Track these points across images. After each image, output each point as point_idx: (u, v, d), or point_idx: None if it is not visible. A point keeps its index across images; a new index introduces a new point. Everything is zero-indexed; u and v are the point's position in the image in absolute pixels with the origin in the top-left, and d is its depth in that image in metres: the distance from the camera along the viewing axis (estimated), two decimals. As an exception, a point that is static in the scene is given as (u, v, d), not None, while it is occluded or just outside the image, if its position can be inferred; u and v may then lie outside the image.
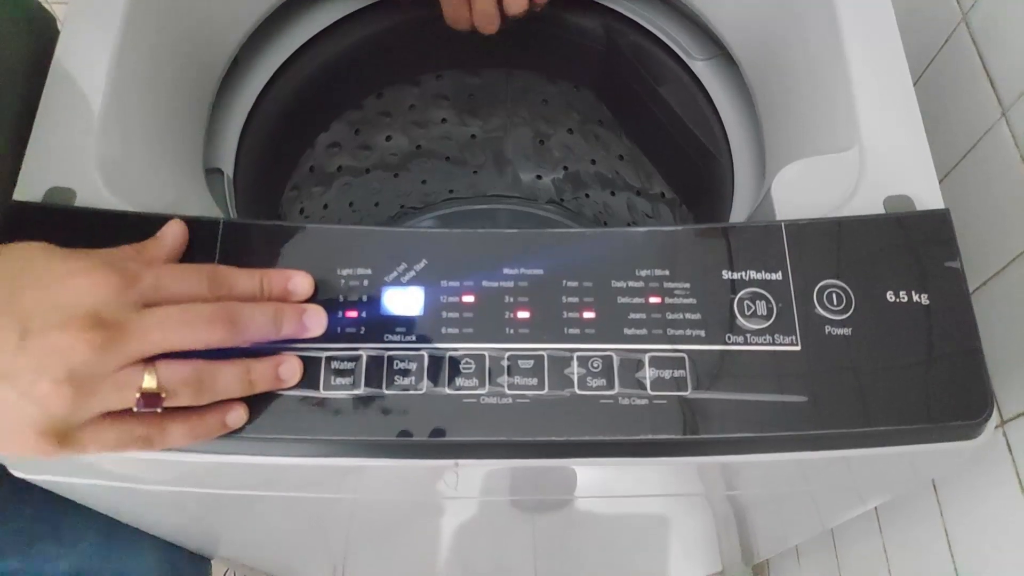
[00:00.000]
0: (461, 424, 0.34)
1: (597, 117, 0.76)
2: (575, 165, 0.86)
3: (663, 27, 0.61)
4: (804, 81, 0.49)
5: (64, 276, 0.30)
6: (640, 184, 0.79)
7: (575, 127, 0.80)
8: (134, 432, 0.32)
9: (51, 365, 0.29)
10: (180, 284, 0.32)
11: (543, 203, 0.94)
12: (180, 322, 0.31)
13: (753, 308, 0.37)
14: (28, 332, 0.29)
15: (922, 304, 0.37)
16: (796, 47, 0.50)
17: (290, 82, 0.63)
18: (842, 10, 0.47)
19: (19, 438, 0.30)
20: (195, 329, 0.31)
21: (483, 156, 0.88)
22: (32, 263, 0.31)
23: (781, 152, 0.49)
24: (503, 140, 0.86)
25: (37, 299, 0.29)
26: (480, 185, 0.93)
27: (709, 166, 0.60)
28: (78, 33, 0.44)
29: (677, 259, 0.38)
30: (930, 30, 0.66)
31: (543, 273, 0.37)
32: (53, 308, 0.29)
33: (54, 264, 0.31)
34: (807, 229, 0.39)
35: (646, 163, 0.74)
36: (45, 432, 0.29)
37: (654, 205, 0.79)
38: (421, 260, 0.38)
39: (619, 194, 0.84)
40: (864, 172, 0.42)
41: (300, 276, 0.36)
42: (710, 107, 0.59)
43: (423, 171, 0.88)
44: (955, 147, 0.63)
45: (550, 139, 0.84)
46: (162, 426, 0.32)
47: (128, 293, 0.31)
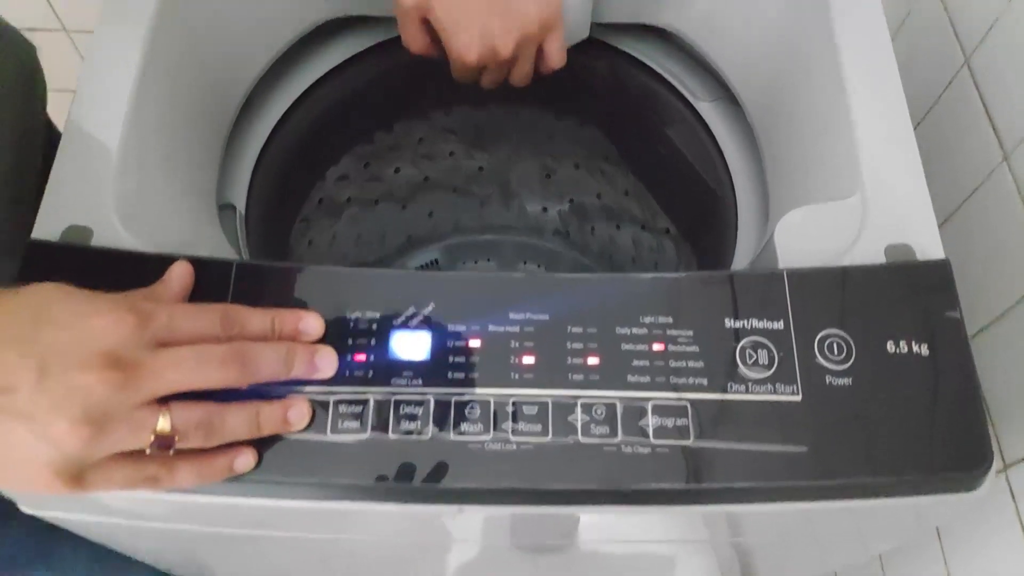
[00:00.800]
0: (466, 470, 0.35)
1: (603, 153, 0.77)
2: (581, 198, 0.87)
3: (669, 68, 0.62)
4: (807, 126, 0.50)
5: (83, 316, 0.31)
6: (645, 219, 0.79)
7: (581, 162, 0.81)
8: (144, 471, 0.32)
9: (69, 405, 0.29)
10: (193, 323, 0.33)
11: (549, 235, 0.95)
12: (194, 362, 0.32)
13: (755, 357, 0.37)
14: (47, 372, 0.29)
15: (922, 355, 0.38)
16: (799, 92, 0.51)
17: (302, 118, 0.64)
18: (845, 56, 0.48)
19: (33, 476, 0.30)
20: (208, 369, 0.32)
21: (490, 188, 0.89)
22: (51, 303, 0.31)
23: (784, 196, 0.50)
24: (509, 173, 0.87)
25: (56, 338, 0.30)
26: (487, 217, 0.94)
27: (713, 206, 0.60)
28: (97, 73, 0.45)
29: (681, 306, 0.38)
30: (933, 72, 0.67)
31: (548, 318, 0.38)
32: (72, 347, 0.30)
33: (72, 304, 0.31)
34: (809, 278, 0.39)
35: (651, 199, 0.74)
36: (59, 472, 0.30)
37: (659, 240, 0.79)
38: (429, 303, 0.38)
39: (624, 228, 0.85)
40: (866, 220, 0.43)
41: (311, 317, 0.37)
42: (715, 147, 0.60)
43: (430, 203, 0.89)
44: (957, 190, 0.64)
45: (556, 173, 0.85)
46: (171, 466, 0.33)
47: (143, 333, 0.31)
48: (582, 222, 0.91)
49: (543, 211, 0.92)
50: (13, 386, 0.29)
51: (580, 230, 0.92)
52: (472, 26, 0.48)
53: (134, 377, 0.30)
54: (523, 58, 0.51)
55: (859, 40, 0.48)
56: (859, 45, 0.48)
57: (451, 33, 0.48)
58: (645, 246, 0.83)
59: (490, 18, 0.47)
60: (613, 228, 0.87)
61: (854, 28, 0.49)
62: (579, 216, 0.90)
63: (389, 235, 0.90)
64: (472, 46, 0.48)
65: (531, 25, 0.49)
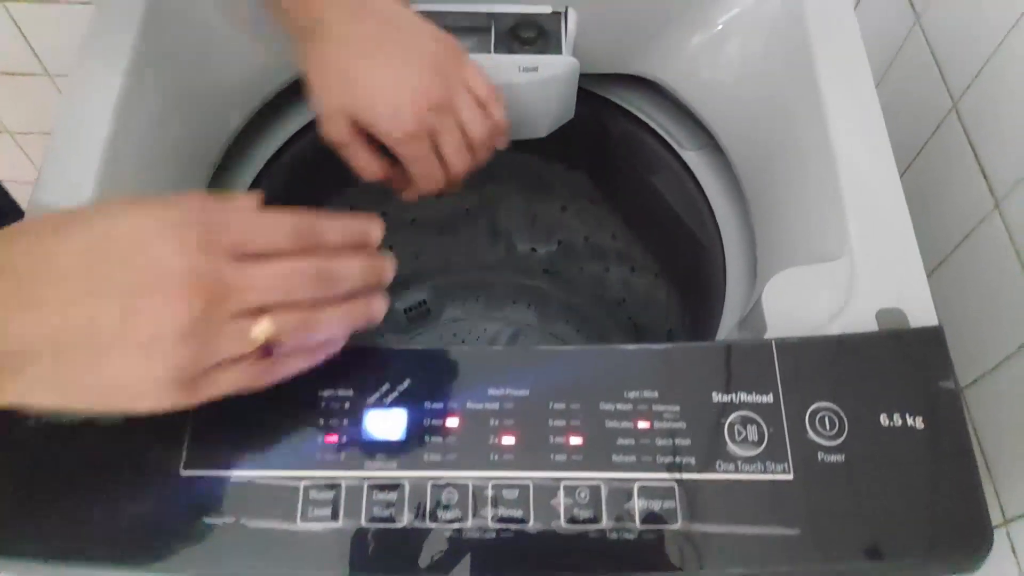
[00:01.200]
0: (443, 559, 0.33)
1: (589, 197, 0.76)
2: (568, 240, 0.86)
3: (654, 116, 0.62)
4: (794, 181, 0.49)
5: (154, 237, 0.30)
6: (633, 262, 0.78)
7: (568, 205, 0.80)
8: (252, 370, 0.32)
9: (161, 334, 0.29)
10: (267, 236, 0.32)
11: (538, 274, 0.94)
12: (280, 280, 0.31)
13: (744, 433, 0.36)
14: (130, 310, 0.29)
15: (917, 428, 0.36)
16: (785, 145, 0.51)
17: (286, 163, 0.63)
18: (830, 107, 0.47)
19: (151, 396, 0.30)
20: (293, 288, 0.32)
21: (476, 229, 0.88)
22: (117, 226, 0.30)
23: (772, 252, 0.49)
24: (496, 214, 0.86)
25: (131, 267, 0.29)
26: (475, 256, 0.93)
27: (701, 256, 0.59)
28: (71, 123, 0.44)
29: (667, 379, 0.37)
30: (920, 117, 0.67)
31: (529, 394, 0.37)
32: (150, 272, 0.29)
33: (139, 222, 0.30)
34: (798, 349, 0.38)
35: (638, 245, 0.73)
36: (173, 385, 0.30)
37: (649, 281, 0.78)
38: (405, 380, 0.37)
39: (613, 269, 0.84)
40: (855, 283, 0.42)
41: (375, 225, 0.37)
42: (701, 197, 0.59)
43: (417, 243, 0.88)
44: (947, 238, 0.63)
45: (543, 215, 0.84)
46: (274, 361, 0.33)
47: (216, 248, 0.30)
48: (571, 262, 0.90)
49: (531, 251, 0.91)
50: (100, 328, 0.28)
51: (569, 270, 0.91)
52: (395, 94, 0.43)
53: (219, 296, 0.30)
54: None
55: (844, 91, 0.48)
56: (844, 96, 0.47)
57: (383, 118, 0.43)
58: (635, 287, 0.82)
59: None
60: (602, 269, 0.86)
61: (838, 78, 0.48)
62: (567, 256, 0.89)
63: (375, 277, 0.89)
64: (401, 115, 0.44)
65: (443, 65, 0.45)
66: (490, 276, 0.95)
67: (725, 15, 0.53)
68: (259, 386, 0.33)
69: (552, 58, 0.52)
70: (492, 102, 0.47)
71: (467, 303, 0.97)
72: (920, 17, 0.67)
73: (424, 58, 0.44)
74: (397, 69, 0.43)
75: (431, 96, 0.44)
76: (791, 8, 0.50)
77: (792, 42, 0.50)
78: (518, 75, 0.52)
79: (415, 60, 0.44)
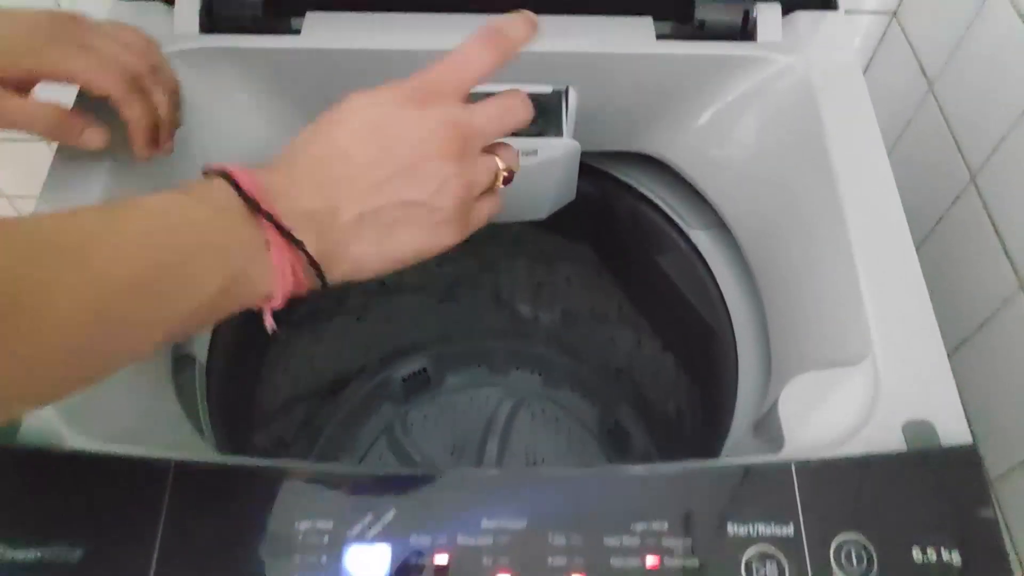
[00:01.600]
0: None
1: (595, 268, 0.74)
2: (573, 309, 0.83)
3: (660, 194, 0.59)
4: (808, 272, 0.46)
5: (419, 118, 0.35)
6: (640, 335, 0.75)
7: (572, 276, 0.78)
8: (497, 199, 0.40)
9: (446, 184, 0.35)
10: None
11: (541, 341, 0.91)
12: (497, 119, 0.37)
13: (763, 571, 0.32)
14: (416, 169, 0.35)
15: (954, 564, 0.33)
16: (796, 230, 0.48)
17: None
18: (846, 199, 0.44)
19: (446, 229, 0.36)
20: (508, 121, 0.38)
21: (478, 296, 0.86)
22: (385, 114, 0.35)
23: (787, 348, 0.46)
24: (499, 281, 0.84)
25: (409, 142, 0.35)
26: (476, 323, 0.90)
27: (710, 341, 0.57)
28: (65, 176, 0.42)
29: (678, 507, 0.34)
30: (937, 188, 0.64)
31: (526, 526, 0.33)
32: (422, 142, 0.35)
33: (399, 111, 0.35)
34: (820, 472, 0.35)
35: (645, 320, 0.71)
36: (457, 215, 0.36)
37: (655, 355, 0.75)
38: (390, 509, 0.34)
39: (618, 340, 0.81)
40: (879, 391, 0.38)
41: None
42: (710, 279, 0.57)
43: (417, 311, 0.86)
44: (969, 318, 0.60)
45: (547, 284, 0.82)
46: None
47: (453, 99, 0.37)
48: (575, 330, 0.87)
49: (535, 318, 0.88)
50: (409, 198, 0.35)
51: (573, 337, 0.88)
52: None
53: (470, 142, 0.36)
54: None
55: (859, 177, 0.45)
56: (859, 182, 0.45)
57: None
58: (641, 358, 0.79)
59: None
60: (607, 339, 0.83)
61: (852, 164, 0.45)
62: (572, 325, 0.86)
63: (373, 348, 0.86)
64: None
65: None
66: (492, 343, 0.92)
67: (734, 92, 0.51)
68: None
69: (551, 141, 0.50)
70: None
71: (469, 370, 0.94)
72: (932, 84, 0.65)
73: None
74: None
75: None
76: (801, 86, 0.48)
77: (803, 122, 0.48)
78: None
79: None
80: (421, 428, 0.90)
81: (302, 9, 0.50)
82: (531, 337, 0.91)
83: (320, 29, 0.50)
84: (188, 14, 0.50)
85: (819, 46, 0.49)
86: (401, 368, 0.91)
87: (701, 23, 0.49)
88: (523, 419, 0.91)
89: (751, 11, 0.49)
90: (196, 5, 0.50)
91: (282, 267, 0.32)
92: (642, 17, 0.50)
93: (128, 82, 0.41)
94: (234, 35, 0.50)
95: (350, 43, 0.49)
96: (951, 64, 0.61)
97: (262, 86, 0.52)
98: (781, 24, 0.50)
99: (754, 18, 0.49)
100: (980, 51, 0.58)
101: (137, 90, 0.42)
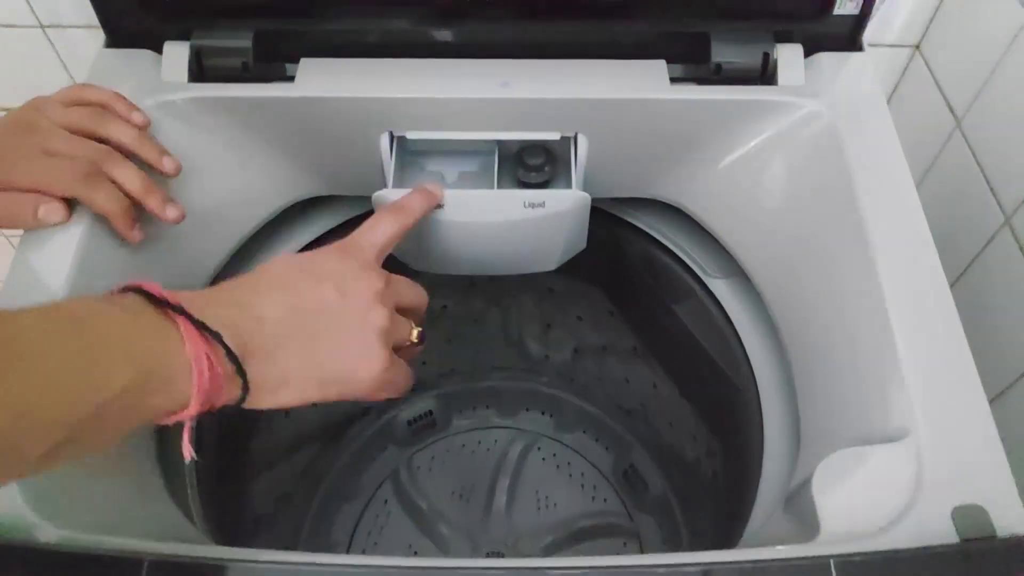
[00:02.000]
0: None
1: (607, 309, 0.71)
2: (584, 348, 0.80)
3: (676, 240, 0.56)
4: (839, 333, 0.43)
5: (342, 259, 0.39)
6: (655, 378, 0.72)
7: (584, 315, 0.75)
8: (412, 352, 0.42)
9: (367, 300, 0.38)
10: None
11: (551, 380, 0.88)
12: (413, 289, 0.42)
13: None
14: (345, 291, 0.37)
15: None
16: (826, 287, 0.45)
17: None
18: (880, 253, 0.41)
19: (372, 353, 0.37)
20: (416, 297, 0.43)
21: (486, 335, 0.83)
22: (311, 256, 0.39)
23: (817, 416, 0.43)
24: (508, 320, 0.81)
25: (334, 271, 0.38)
26: (484, 362, 0.87)
27: (731, 394, 0.53)
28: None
29: (704, 614, 0.31)
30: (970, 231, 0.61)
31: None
32: (345, 271, 0.38)
33: (324, 255, 0.39)
34: (863, 568, 0.32)
35: (660, 364, 0.67)
36: (383, 348, 0.37)
37: (671, 398, 0.72)
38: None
39: (633, 381, 0.77)
40: (924, 471, 0.35)
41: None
42: (731, 330, 0.53)
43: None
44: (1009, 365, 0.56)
45: (557, 324, 0.79)
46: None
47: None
48: (587, 371, 0.83)
49: (545, 358, 0.85)
50: (330, 304, 0.37)
51: (585, 377, 0.85)
52: None
53: (389, 289, 0.39)
54: None
55: (892, 229, 0.42)
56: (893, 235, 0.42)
57: None
58: (657, 402, 0.75)
59: None
60: (621, 380, 0.79)
61: (884, 214, 0.42)
62: (584, 364, 0.83)
63: (378, 390, 0.83)
64: None
65: None
66: (501, 383, 0.89)
67: (754, 138, 0.48)
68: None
69: (560, 193, 0.47)
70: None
71: (477, 411, 0.91)
72: (960, 121, 0.61)
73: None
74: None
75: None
76: (828, 133, 0.45)
77: (831, 172, 0.45)
78: (523, 211, 0.47)
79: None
80: (427, 472, 0.87)
81: (294, 56, 0.48)
82: (541, 377, 0.87)
83: (314, 76, 0.48)
84: (176, 63, 0.48)
85: (844, 89, 0.46)
86: (406, 409, 0.88)
87: (717, 66, 0.46)
88: (533, 462, 0.88)
89: (771, 53, 0.46)
90: (185, 54, 0.48)
91: (198, 358, 0.31)
92: (655, 61, 0.47)
93: (84, 178, 0.40)
94: (223, 84, 0.48)
95: (347, 91, 0.47)
96: (980, 100, 0.58)
97: (254, 135, 0.49)
98: (803, 66, 0.47)
99: (774, 60, 0.47)
100: (1011, 87, 0.55)
101: (97, 181, 0.41)
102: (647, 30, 0.48)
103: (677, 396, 0.69)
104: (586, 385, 0.85)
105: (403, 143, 0.50)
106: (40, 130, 0.41)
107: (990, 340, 0.58)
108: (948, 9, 0.62)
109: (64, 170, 0.40)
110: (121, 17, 0.48)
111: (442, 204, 0.47)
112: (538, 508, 0.85)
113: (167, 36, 0.48)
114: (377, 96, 0.47)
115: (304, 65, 0.48)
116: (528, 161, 0.49)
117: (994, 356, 0.58)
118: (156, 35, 0.48)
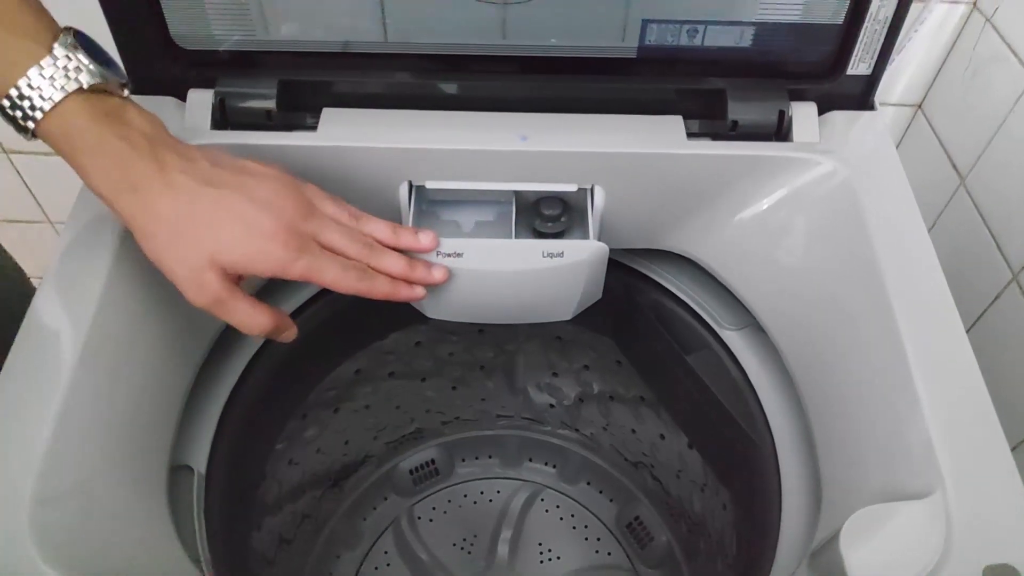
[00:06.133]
0: None
1: (615, 358, 0.71)
2: (591, 396, 0.79)
3: (688, 291, 0.57)
4: (860, 389, 0.43)
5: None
6: (664, 429, 0.72)
7: (591, 364, 0.75)
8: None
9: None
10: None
11: (556, 429, 0.87)
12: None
13: None
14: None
15: None
16: (844, 342, 0.45)
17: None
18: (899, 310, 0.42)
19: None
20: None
21: (490, 383, 0.82)
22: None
23: (838, 473, 0.42)
24: (513, 368, 0.80)
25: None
26: (488, 411, 0.86)
27: (747, 449, 0.53)
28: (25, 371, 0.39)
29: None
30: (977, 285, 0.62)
31: None
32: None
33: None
34: (899, 633, 0.31)
35: (670, 414, 0.67)
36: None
37: (680, 450, 0.71)
38: None
39: (641, 431, 0.77)
40: (952, 529, 0.35)
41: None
42: (746, 383, 0.53)
43: (427, 401, 0.82)
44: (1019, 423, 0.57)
45: (564, 372, 0.78)
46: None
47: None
48: (592, 421, 0.83)
49: (550, 407, 0.84)
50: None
51: (591, 427, 0.84)
52: None
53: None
54: None
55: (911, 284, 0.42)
56: (912, 291, 0.42)
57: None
58: (666, 454, 0.75)
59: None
60: (628, 430, 0.79)
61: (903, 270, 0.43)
62: (589, 414, 0.82)
63: (382, 435, 0.82)
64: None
65: None
66: (505, 432, 0.88)
67: (770, 194, 0.48)
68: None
69: (579, 243, 0.47)
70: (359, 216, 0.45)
71: (480, 460, 0.90)
72: (964, 179, 0.63)
73: (267, 181, 0.41)
74: (249, 197, 0.40)
75: (289, 209, 0.41)
76: (844, 190, 0.46)
77: (848, 228, 0.45)
78: (541, 261, 0.47)
79: (260, 186, 0.41)
80: (429, 522, 0.86)
81: (317, 106, 0.49)
82: (545, 426, 0.87)
83: (336, 125, 0.48)
84: (200, 110, 0.48)
85: (858, 146, 0.47)
86: (409, 456, 0.86)
87: (734, 123, 0.48)
88: (537, 513, 0.86)
89: (786, 111, 0.47)
90: (208, 101, 0.48)
91: None
92: (672, 116, 0.48)
93: (360, 274, 0.42)
94: (246, 131, 0.48)
95: (368, 141, 0.47)
96: (985, 159, 0.60)
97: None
98: (818, 124, 0.48)
99: (789, 117, 0.48)
100: (1015, 146, 0.56)
101: (371, 275, 0.42)
102: (664, 87, 0.49)
103: (686, 447, 0.69)
104: (591, 435, 0.85)
105: (421, 192, 0.50)
106: (312, 216, 0.41)
107: (1001, 395, 0.58)
108: (950, 70, 0.63)
109: (348, 273, 0.41)
110: (146, 64, 0.49)
111: (461, 253, 0.47)
112: (541, 561, 0.83)
113: (191, 84, 0.49)
114: (397, 147, 0.48)
115: (327, 115, 0.48)
116: (545, 211, 0.50)
117: (1008, 408, 0.58)
118: (180, 82, 0.49)
